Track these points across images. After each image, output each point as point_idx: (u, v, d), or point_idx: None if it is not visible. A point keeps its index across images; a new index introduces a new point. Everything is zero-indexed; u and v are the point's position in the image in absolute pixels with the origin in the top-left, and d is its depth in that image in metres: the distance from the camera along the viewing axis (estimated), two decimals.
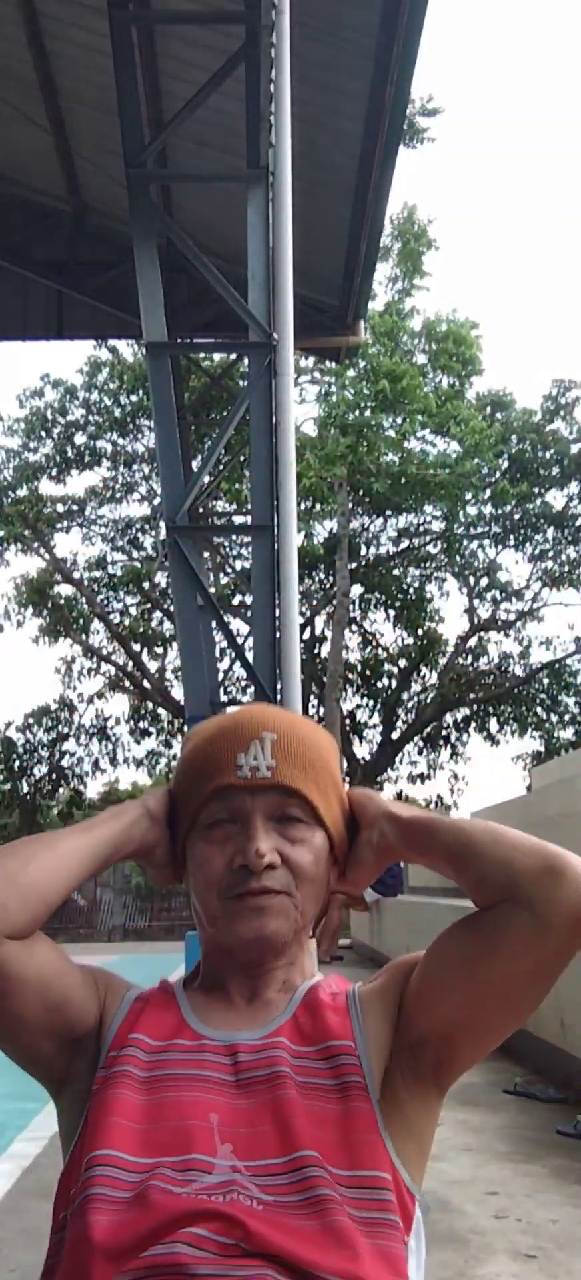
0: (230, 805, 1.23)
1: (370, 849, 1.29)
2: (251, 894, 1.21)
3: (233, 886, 1.22)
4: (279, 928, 1.22)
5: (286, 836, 1.23)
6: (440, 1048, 1.21)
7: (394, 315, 19.14)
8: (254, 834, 1.21)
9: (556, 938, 1.13)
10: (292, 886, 1.22)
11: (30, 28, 8.30)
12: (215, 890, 1.23)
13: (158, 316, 7.04)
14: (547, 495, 20.20)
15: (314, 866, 1.24)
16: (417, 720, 21.33)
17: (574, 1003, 3.73)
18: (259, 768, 1.23)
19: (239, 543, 18.72)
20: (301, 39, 6.86)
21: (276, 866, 1.21)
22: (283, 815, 1.23)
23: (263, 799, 1.23)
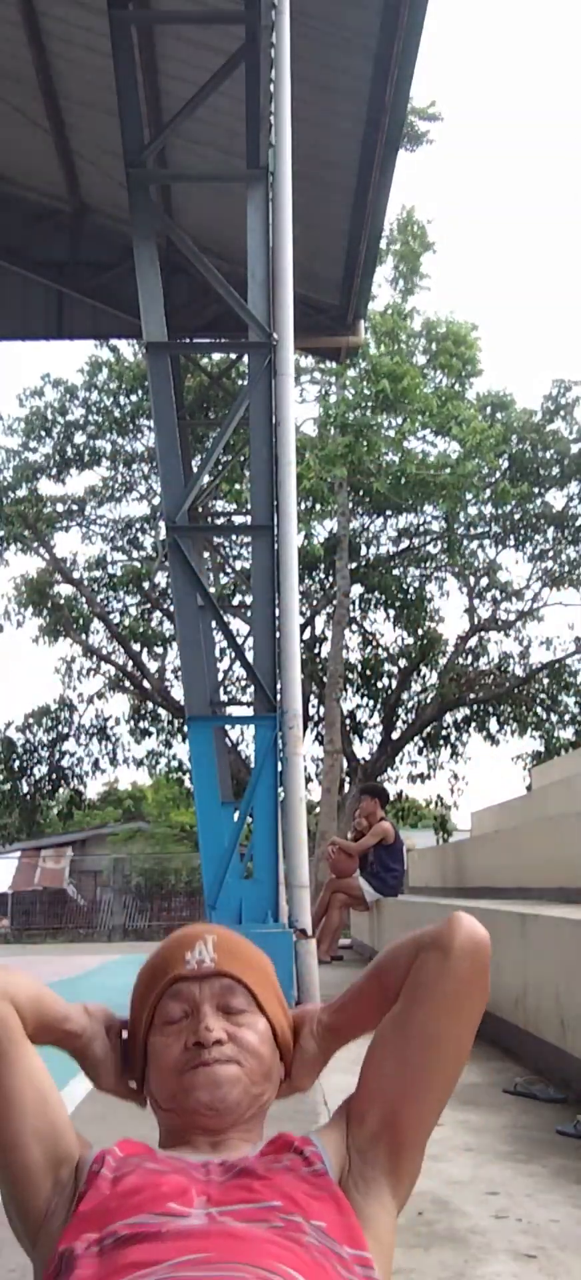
0: (182, 997, 1.42)
1: (310, 1039, 1.48)
2: (205, 1064, 1.37)
3: (188, 1063, 1.38)
4: (230, 1091, 1.37)
5: (232, 1021, 1.41)
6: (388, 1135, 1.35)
7: (394, 315, 19.14)
8: (203, 1015, 1.39)
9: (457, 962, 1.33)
10: (241, 1057, 1.39)
11: (30, 28, 8.30)
12: (172, 1071, 1.39)
13: (158, 316, 7.04)
14: (547, 495, 20.19)
15: (259, 1045, 1.41)
16: (417, 720, 21.32)
17: (574, 1003, 3.73)
18: (204, 960, 1.43)
19: (239, 543, 18.72)
20: (301, 39, 6.86)
21: (224, 1042, 1.38)
22: (228, 1005, 1.42)
23: (209, 986, 1.42)
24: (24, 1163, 1.34)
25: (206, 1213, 1.20)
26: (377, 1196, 1.33)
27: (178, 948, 1.46)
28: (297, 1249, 1.15)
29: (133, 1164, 1.31)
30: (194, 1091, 1.36)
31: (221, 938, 1.47)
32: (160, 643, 21.37)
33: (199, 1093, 1.36)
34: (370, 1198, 1.32)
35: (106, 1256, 1.16)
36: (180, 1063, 1.38)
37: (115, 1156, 1.33)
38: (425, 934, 1.37)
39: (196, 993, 1.41)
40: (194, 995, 1.41)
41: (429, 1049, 1.35)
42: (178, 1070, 1.38)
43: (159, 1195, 1.22)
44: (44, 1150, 1.34)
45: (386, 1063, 1.36)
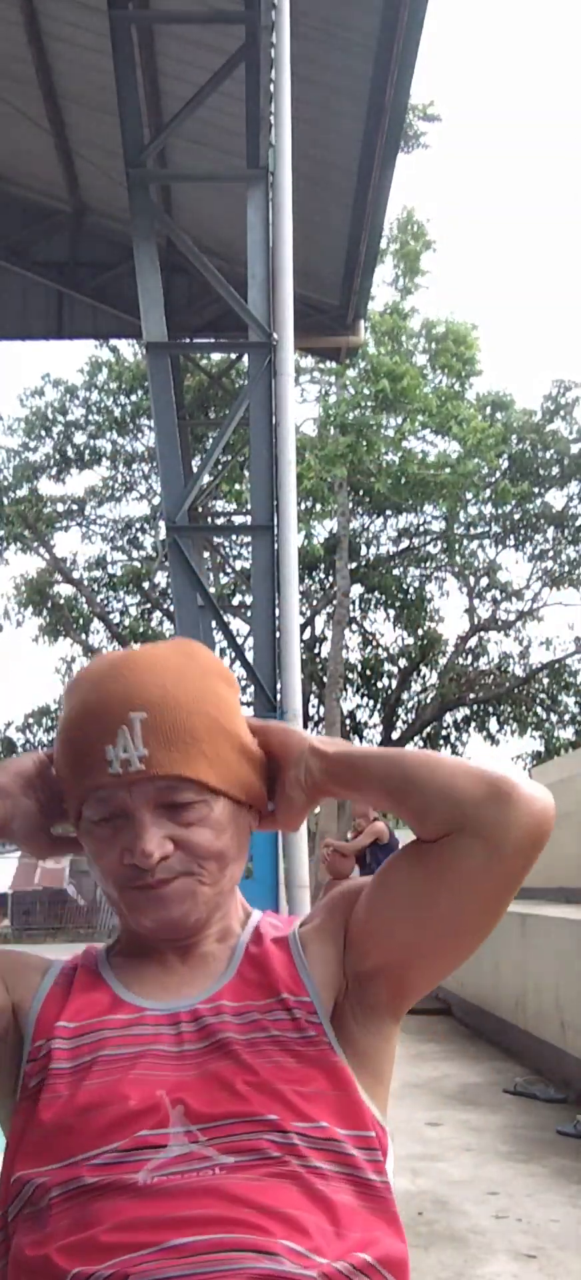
0: (109, 804, 1.11)
1: (297, 787, 1.18)
2: (149, 886, 1.10)
3: (129, 880, 1.11)
4: (183, 910, 1.12)
5: (178, 821, 1.11)
6: (392, 979, 1.15)
7: (394, 315, 19.14)
8: (140, 832, 1.09)
9: (509, 863, 1.07)
10: (193, 865, 1.12)
11: (30, 28, 8.30)
12: (112, 882, 1.13)
13: (158, 316, 7.04)
14: (547, 495, 20.20)
15: (215, 841, 1.13)
16: (417, 720, 21.32)
17: (574, 1003, 3.73)
18: (130, 760, 1.09)
19: (239, 543, 18.72)
20: (301, 39, 6.86)
21: (169, 856, 1.10)
22: (170, 801, 1.11)
23: (142, 791, 1.10)
24: None
25: (186, 1132, 1.02)
26: (378, 1028, 1.15)
27: (96, 735, 1.10)
28: (295, 1191, 1.00)
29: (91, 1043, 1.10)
30: (139, 916, 1.12)
31: (152, 712, 1.10)
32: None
33: (144, 918, 1.12)
34: (369, 1029, 1.14)
35: (79, 1213, 0.99)
36: (121, 875, 1.12)
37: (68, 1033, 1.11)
38: (470, 808, 1.06)
39: (126, 800, 1.10)
40: (124, 803, 1.10)
41: (452, 929, 1.13)
42: (117, 883, 1.12)
43: (128, 1115, 1.03)
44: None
45: (400, 919, 1.13)
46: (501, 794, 1.06)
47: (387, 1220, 1.06)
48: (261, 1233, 0.96)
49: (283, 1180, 1.01)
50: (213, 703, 1.14)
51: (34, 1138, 1.06)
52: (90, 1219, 0.99)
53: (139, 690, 1.11)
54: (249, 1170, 1.00)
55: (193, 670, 1.15)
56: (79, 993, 1.15)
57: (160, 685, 1.12)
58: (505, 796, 1.06)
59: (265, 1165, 1.01)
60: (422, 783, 1.09)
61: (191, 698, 1.12)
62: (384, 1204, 1.06)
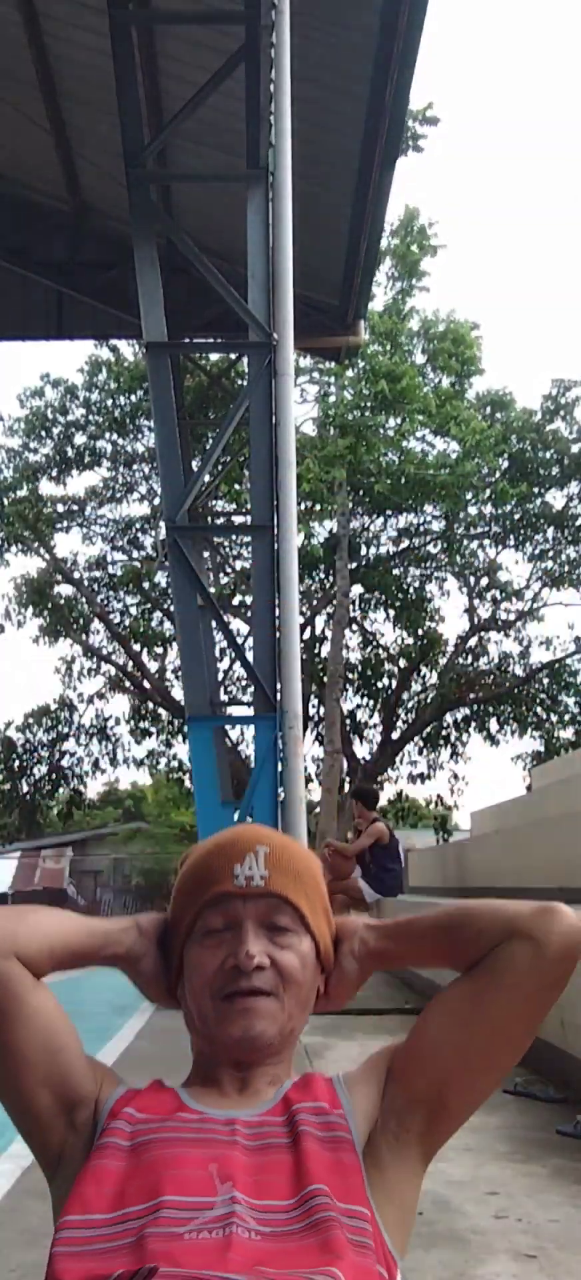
0: (225, 913, 1.33)
1: (350, 957, 1.39)
2: (241, 994, 1.30)
3: (224, 986, 1.31)
4: (265, 1029, 1.30)
5: (276, 942, 1.33)
6: (431, 1105, 1.29)
7: (393, 316, 19.13)
8: (245, 937, 1.31)
9: (552, 962, 1.27)
10: (279, 989, 1.31)
11: (30, 28, 8.30)
12: (208, 990, 1.31)
13: (158, 316, 7.04)
14: (547, 495, 20.18)
15: (301, 971, 1.33)
16: (417, 720, 21.31)
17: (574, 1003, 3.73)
18: (253, 877, 1.34)
19: (239, 543, 18.72)
20: (301, 39, 6.86)
21: (265, 968, 1.30)
22: (273, 923, 1.33)
23: (255, 906, 1.33)
24: (34, 1111, 1.31)
25: (232, 1197, 1.15)
26: (408, 1160, 1.29)
27: (226, 858, 1.36)
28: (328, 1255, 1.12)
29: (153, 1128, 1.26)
30: (227, 1024, 1.30)
31: (274, 849, 1.36)
32: (160, 643, 21.36)
33: (232, 1027, 1.30)
34: (400, 1160, 1.28)
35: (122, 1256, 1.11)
36: (216, 983, 1.31)
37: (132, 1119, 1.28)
38: (519, 917, 1.28)
39: (241, 910, 1.33)
40: (238, 912, 1.33)
41: (498, 1034, 1.29)
42: (213, 991, 1.31)
43: (178, 1178, 1.17)
44: (54, 1097, 1.31)
45: (448, 1033, 1.30)
46: (547, 909, 1.29)
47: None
48: None
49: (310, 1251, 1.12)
50: (314, 865, 1.42)
51: (89, 1189, 1.20)
52: (132, 1260, 1.10)
53: (265, 834, 1.40)
54: (284, 1239, 1.13)
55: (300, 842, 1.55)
56: (148, 1094, 1.34)
57: (280, 836, 1.42)
58: (550, 910, 1.29)
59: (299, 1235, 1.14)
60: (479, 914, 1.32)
61: (302, 854, 1.41)
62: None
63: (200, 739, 7.22)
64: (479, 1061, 1.30)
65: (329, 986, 1.40)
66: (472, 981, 1.29)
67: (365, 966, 1.40)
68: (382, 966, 1.42)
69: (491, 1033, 1.29)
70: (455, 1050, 1.29)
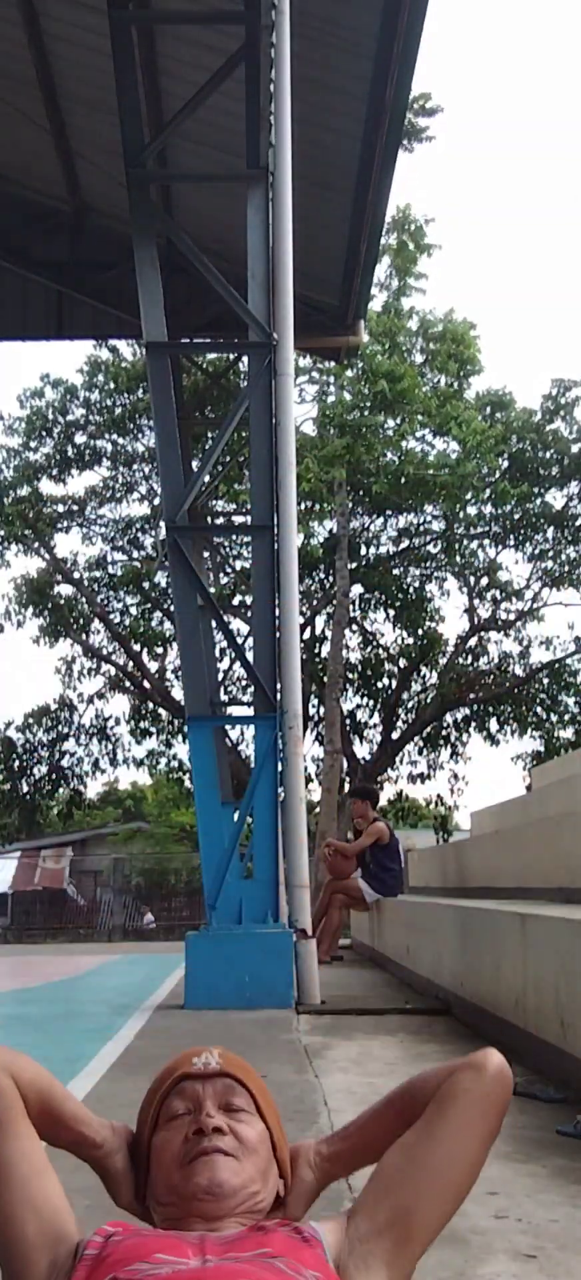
0: (186, 1095, 1.48)
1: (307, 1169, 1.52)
2: (204, 1152, 1.41)
3: (188, 1152, 1.42)
4: (229, 1178, 1.40)
5: (233, 1118, 1.46)
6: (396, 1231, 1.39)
7: (392, 315, 19.13)
8: (205, 1106, 1.46)
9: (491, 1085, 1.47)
10: (239, 1152, 1.43)
11: (30, 28, 8.30)
12: (175, 1163, 1.43)
13: (158, 316, 7.04)
14: (547, 495, 20.18)
15: (258, 1143, 1.46)
16: (417, 720, 21.31)
17: (574, 1003, 3.73)
18: (210, 1063, 1.51)
19: (239, 543, 18.71)
20: (301, 39, 6.87)
21: (225, 1132, 1.44)
22: (229, 1103, 1.47)
23: (213, 1085, 1.48)
24: (20, 1236, 1.37)
25: (203, 1261, 1.26)
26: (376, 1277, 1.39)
27: (184, 1056, 1.54)
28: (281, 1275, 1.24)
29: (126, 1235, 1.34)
30: (193, 1178, 1.40)
31: (226, 1052, 1.55)
32: (160, 643, 21.35)
33: (198, 1178, 1.40)
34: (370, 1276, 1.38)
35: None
36: (181, 1154, 1.43)
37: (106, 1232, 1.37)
38: (458, 1060, 1.49)
39: (200, 1090, 1.48)
40: (197, 1093, 1.48)
41: (450, 1156, 1.42)
42: (178, 1161, 1.43)
43: (153, 1251, 1.28)
44: (40, 1227, 1.37)
45: (406, 1163, 1.42)
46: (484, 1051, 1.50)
47: None
48: None
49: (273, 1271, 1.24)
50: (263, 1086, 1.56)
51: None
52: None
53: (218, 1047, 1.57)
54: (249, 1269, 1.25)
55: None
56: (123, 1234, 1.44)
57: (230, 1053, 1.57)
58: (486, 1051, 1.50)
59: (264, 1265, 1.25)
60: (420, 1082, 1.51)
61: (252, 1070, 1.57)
62: None
63: (200, 739, 7.22)
64: (436, 1185, 1.41)
65: (287, 1199, 1.51)
66: (423, 1117, 1.45)
67: (321, 1176, 1.53)
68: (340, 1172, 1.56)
69: (444, 1155, 1.41)
70: (413, 1179, 1.40)
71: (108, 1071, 4.19)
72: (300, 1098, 3.59)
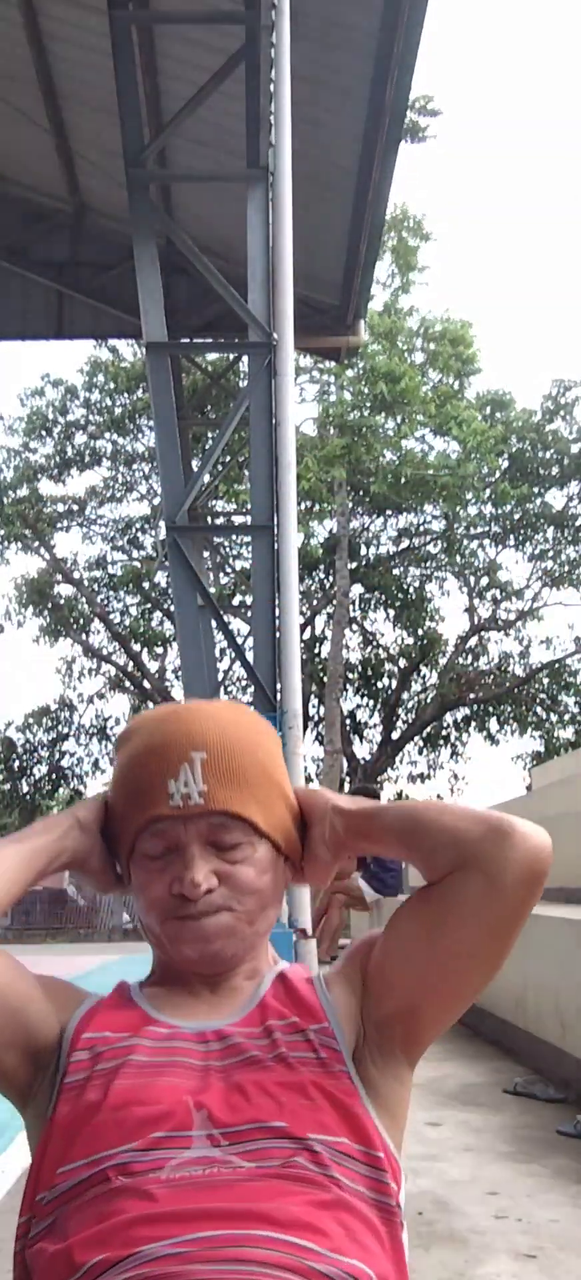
0: (165, 837, 1.21)
1: (322, 844, 1.28)
2: (192, 918, 1.20)
3: (173, 910, 1.21)
4: (223, 945, 1.21)
5: (226, 859, 1.21)
6: (406, 1022, 1.22)
7: (392, 315, 19.14)
8: (189, 863, 1.19)
9: (509, 894, 1.15)
10: (234, 901, 1.21)
11: (30, 28, 8.30)
12: (157, 914, 1.23)
13: (158, 316, 7.04)
14: (547, 495, 20.19)
15: (257, 879, 1.23)
16: (417, 720, 21.32)
17: (574, 1003, 3.73)
18: (190, 794, 1.20)
19: (239, 543, 18.73)
20: (301, 39, 6.86)
21: (214, 889, 1.20)
22: (220, 840, 1.21)
23: (196, 825, 1.20)
24: None
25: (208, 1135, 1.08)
26: (394, 1072, 1.22)
27: (159, 769, 1.22)
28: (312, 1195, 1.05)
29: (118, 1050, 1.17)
30: (180, 944, 1.21)
31: (212, 753, 1.21)
32: (160, 643, 21.37)
33: (186, 948, 1.21)
34: (387, 1073, 1.21)
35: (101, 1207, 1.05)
36: (165, 907, 1.22)
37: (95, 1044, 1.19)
38: (470, 844, 1.15)
39: (181, 833, 1.20)
40: (179, 836, 1.20)
41: (463, 962, 1.20)
42: (162, 914, 1.22)
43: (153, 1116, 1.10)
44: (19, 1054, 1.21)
45: (411, 961, 1.20)
46: (500, 831, 1.15)
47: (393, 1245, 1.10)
48: (278, 1228, 1.00)
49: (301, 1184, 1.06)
50: (263, 753, 1.26)
51: (61, 1137, 1.13)
52: (112, 1213, 1.03)
53: (200, 733, 1.22)
54: (267, 1174, 1.06)
55: (246, 722, 1.29)
56: (111, 1011, 1.24)
57: (219, 730, 1.24)
58: (503, 834, 1.15)
59: (283, 1170, 1.07)
60: (429, 825, 1.19)
61: (246, 745, 1.25)
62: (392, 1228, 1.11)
63: None
64: (446, 986, 1.22)
65: (304, 869, 1.31)
66: (429, 908, 1.20)
67: (336, 853, 1.29)
68: (354, 851, 1.33)
69: (455, 961, 1.19)
70: (420, 977, 1.20)
71: None
72: None
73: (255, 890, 1.22)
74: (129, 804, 1.25)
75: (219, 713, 1.27)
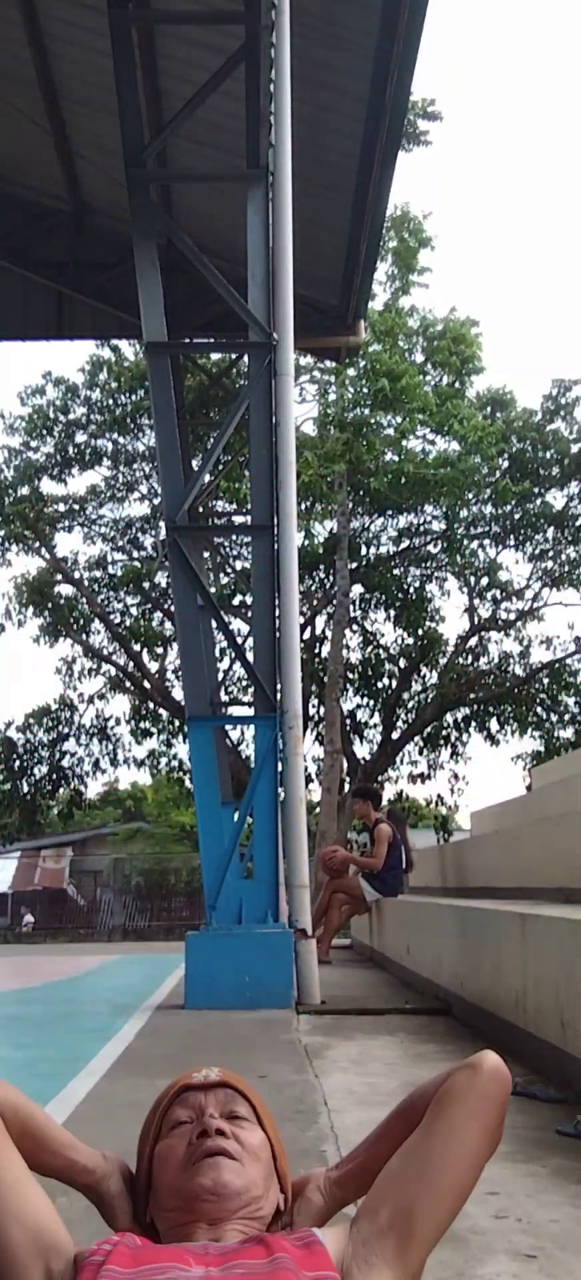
0: (189, 1105, 1.51)
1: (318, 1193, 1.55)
2: (208, 1153, 1.44)
3: (192, 1155, 1.45)
4: (232, 1179, 1.42)
5: (234, 1124, 1.50)
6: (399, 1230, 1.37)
7: (393, 314, 19.14)
8: (207, 1109, 1.50)
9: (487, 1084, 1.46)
10: (242, 1155, 1.46)
11: (30, 28, 8.30)
12: (178, 1166, 1.46)
13: (158, 316, 7.04)
14: (547, 495, 20.18)
15: (259, 1149, 1.49)
16: (417, 720, 21.31)
17: (574, 1003, 3.73)
18: (210, 1076, 1.55)
19: (239, 543, 18.71)
20: (301, 39, 6.86)
21: (227, 1135, 1.47)
22: (231, 1111, 1.51)
23: (214, 1095, 1.52)
24: (5, 1244, 1.36)
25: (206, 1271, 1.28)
26: None
27: (184, 1074, 1.58)
28: None
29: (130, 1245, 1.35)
30: (197, 1178, 1.42)
31: (225, 1070, 1.59)
32: (160, 643, 21.36)
33: (202, 1179, 1.42)
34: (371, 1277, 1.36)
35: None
36: (184, 1157, 1.45)
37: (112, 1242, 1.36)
38: (455, 1064, 1.49)
39: (202, 1099, 1.52)
40: (200, 1101, 1.52)
41: (448, 1154, 1.41)
42: (182, 1165, 1.45)
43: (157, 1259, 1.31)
44: (27, 1235, 1.36)
45: (405, 1165, 1.42)
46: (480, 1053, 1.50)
47: None
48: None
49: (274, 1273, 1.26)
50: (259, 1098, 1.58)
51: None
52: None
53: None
54: None
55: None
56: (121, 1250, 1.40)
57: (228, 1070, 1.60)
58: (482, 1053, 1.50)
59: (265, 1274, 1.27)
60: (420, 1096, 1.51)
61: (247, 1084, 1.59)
62: None
63: (200, 739, 7.22)
64: (438, 1182, 1.40)
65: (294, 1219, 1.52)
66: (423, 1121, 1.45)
67: (331, 1200, 1.54)
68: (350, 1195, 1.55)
69: (443, 1151, 1.41)
70: (414, 1176, 1.40)
71: (107, 1071, 4.18)
72: (300, 1098, 3.59)
73: (257, 1156, 1.48)
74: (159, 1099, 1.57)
75: None
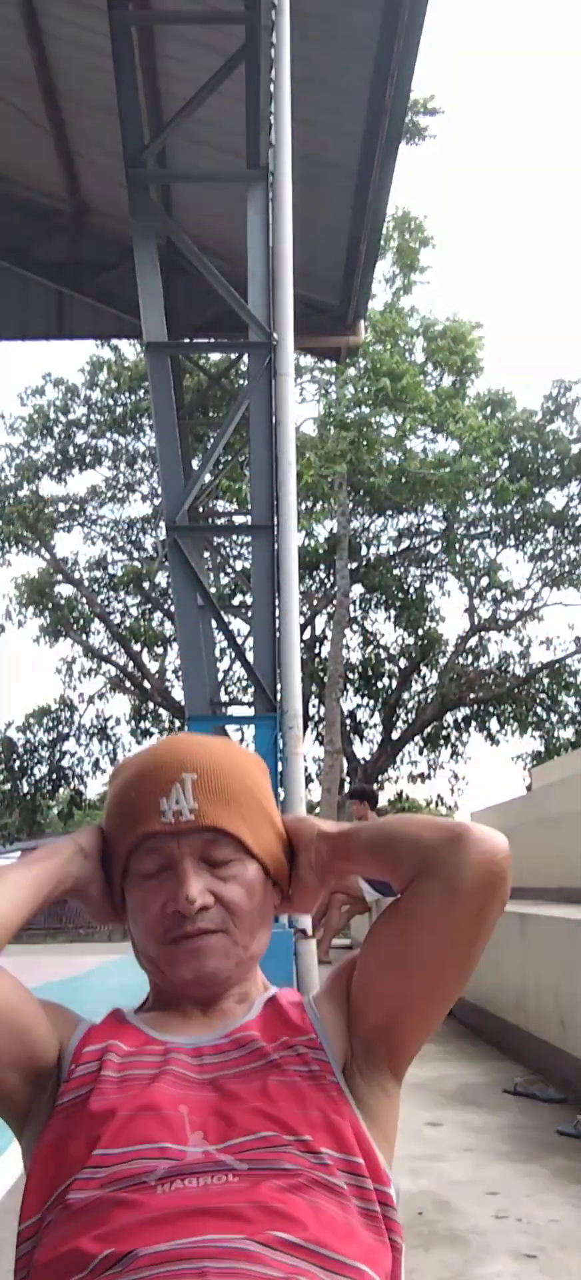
0: (158, 853, 1.25)
1: (309, 870, 1.32)
2: (187, 937, 1.24)
3: (169, 931, 1.24)
4: (218, 966, 1.25)
5: (218, 875, 1.25)
6: (389, 1034, 1.25)
7: (393, 314, 19.15)
8: (184, 879, 1.23)
9: (467, 898, 1.18)
10: (229, 923, 1.25)
11: (30, 28, 8.30)
12: (152, 936, 1.26)
13: (158, 316, 7.04)
14: (547, 495, 20.19)
15: (248, 900, 1.26)
16: (417, 720, 21.32)
17: (574, 1003, 3.73)
18: (182, 811, 1.24)
19: (239, 543, 18.72)
20: (301, 39, 6.86)
21: (209, 907, 1.24)
22: (212, 857, 1.25)
23: (189, 841, 1.24)
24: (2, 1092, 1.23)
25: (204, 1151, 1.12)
26: (380, 1084, 1.25)
27: (151, 789, 1.26)
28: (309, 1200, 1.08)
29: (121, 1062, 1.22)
30: (177, 965, 1.24)
31: (202, 774, 1.26)
32: (160, 643, 21.38)
33: (182, 969, 1.24)
34: (374, 1086, 1.24)
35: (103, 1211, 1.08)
36: (160, 928, 1.25)
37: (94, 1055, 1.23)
38: (428, 850, 1.19)
39: (174, 849, 1.24)
40: (172, 852, 1.24)
41: (433, 970, 1.22)
42: (157, 936, 1.25)
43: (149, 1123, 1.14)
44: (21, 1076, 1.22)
45: (386, 974, 1.24)
46: (453, 836, 1.18)
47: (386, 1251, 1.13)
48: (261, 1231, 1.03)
49: (297, 1192, 1.09)
50: (251, 780, 1.32)
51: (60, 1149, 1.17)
52: (113, 1217, 1.07)
53: (190, 757, 1.28)
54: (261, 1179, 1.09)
55: (234, 750, 1.34)
56: (108, 1029, 1.29)
57: (209, 754, 1.29)
58: (457, 839, 1.18)
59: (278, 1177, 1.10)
60: (395, 837, 1.24)
61: (235, 770, 1.30)
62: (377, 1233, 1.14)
63: None
64: (422, 995, 1.24)
65: (292, 896, 1.35)
66: (398, 919, 1.23)
67: (323, 877, 1.33)
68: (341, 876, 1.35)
69: (425, 970, 1.22)
70: (396, 989, 1.23)
71: None
72: None
73: (246, 911, 1.26)
74: (122, 825, 1.28)
75: (209, 741, 1.33)
